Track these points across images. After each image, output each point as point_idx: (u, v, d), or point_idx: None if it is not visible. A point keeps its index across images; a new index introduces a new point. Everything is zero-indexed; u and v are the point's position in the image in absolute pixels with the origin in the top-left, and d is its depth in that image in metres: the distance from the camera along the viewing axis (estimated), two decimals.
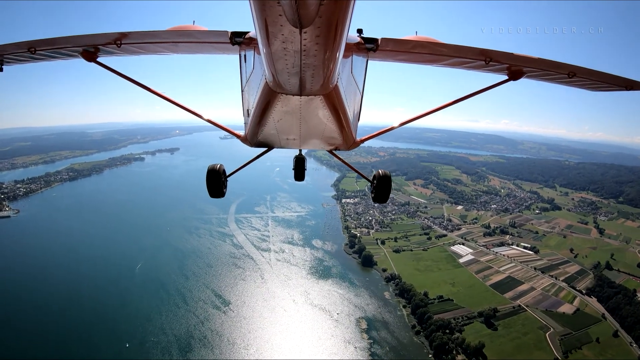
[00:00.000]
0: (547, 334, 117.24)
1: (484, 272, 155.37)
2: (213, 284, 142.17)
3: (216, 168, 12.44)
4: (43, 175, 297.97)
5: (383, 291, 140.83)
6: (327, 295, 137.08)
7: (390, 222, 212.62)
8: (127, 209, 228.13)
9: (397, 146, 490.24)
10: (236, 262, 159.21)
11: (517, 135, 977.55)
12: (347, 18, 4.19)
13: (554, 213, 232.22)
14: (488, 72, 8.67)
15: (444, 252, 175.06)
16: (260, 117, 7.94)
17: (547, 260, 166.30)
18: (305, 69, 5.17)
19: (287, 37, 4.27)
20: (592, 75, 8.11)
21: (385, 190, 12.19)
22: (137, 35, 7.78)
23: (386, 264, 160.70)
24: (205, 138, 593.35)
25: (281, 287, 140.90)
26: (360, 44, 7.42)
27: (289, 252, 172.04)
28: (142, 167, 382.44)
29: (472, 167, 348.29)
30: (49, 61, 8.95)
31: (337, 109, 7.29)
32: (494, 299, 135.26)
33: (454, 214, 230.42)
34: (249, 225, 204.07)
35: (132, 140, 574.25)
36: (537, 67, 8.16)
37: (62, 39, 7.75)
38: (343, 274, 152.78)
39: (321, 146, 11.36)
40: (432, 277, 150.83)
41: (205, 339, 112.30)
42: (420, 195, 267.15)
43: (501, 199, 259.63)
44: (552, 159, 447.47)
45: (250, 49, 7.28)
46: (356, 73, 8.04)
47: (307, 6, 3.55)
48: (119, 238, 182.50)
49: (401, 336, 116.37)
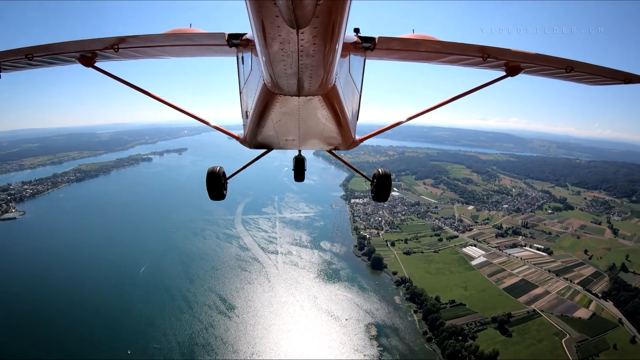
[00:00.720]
0: (563, 340, 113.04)
1: (497, 275, 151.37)
2: (218, 287, 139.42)
3: (216, 170, 12.45)
4: (50, 177, 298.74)
5: (393, 295, 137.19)
6: (336, 299, 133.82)
7: (400, 222, 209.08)
8: (133, 211, 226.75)
9: (406, 145, 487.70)
10: (242, 265, 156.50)
11: (527, 133, 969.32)
12: (344, 18, 4.21)
13: (567, 213, 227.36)
14: (486, 68, 8.64)
15: (456, 254, 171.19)
16: (258, 119, 7.96)
17: (562, 262, 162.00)
18: (303, 69, 5.18)
19: (284, 37, 4.30)
20: (590, 69, 8.12)
21: (386, 189, 12.31)
22: (134, 40, 7.68)
23: (396, 266, 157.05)
24: (213, 138, 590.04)
25: (288, 291, 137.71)
26: (357, 44, 7.42)
27: (296, 254, 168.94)
28: (149, 167, 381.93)
29: (482, 166, 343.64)
30: (47, 67, 8.83)
31: (335, 108, 7.28)
32: (507, 304, 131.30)
33: (465, 214, 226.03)
34: (256, 227, 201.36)
35: (140, 141, 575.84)
36: (534, 62, 8.14)
37: (58, 45, 7.64)
38: (352, 277, 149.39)
39: (320, 146, 11.37)
40: (443, 280, 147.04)
41: (209, 345, 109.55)
42: (431, 195, 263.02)
43: (513, 199, 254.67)
44: (562, 157, 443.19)
45: (248, 51, 7.28)
46: (354, 72, 8.01)
47: (304, 6, 3.58)
48: (124, 240, 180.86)
49: (412, 343, 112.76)
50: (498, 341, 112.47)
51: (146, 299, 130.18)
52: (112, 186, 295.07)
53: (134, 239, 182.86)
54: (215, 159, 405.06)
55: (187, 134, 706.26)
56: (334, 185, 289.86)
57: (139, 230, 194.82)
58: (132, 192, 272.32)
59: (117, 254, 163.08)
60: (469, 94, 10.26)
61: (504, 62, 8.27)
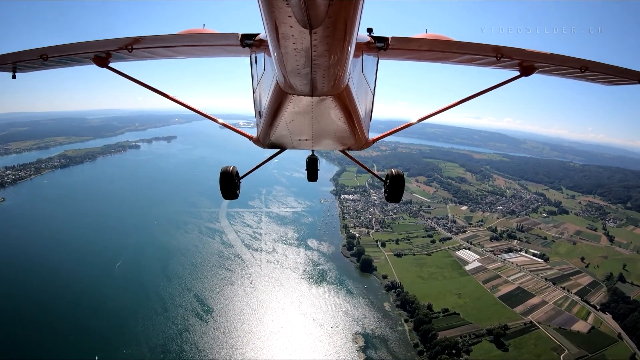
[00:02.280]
0: (561, 355, 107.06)
1: (492, 281, 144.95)
2: (197, 287, 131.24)
3: (229, 170, 12.37)
4: (34, 162, 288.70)
5: (383, 301, 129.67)
6: (321, 304, 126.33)
7: (391, 221, 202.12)
8: (116, 200, 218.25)
9: (399, 140, 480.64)
10: (224, 263, 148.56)
11: (520, 133, 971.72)
12: (357, 18, 4.18)
13: (562, 217, 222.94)
14: (499, 68, 8.53)
15: (449, 258, 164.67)
16: (272, 119, 7.90)
17: (558, 269, 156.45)
18: (316, 69, 5.14)
19: (297, 38, 4.26)
20: (604, 69, 8.02)
21: (399, 190, 12.39)
22: (148, 40, 7.68)
23: (386, 269, 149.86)
24: (204, 127, 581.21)
25: (271, 294, 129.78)
26: (370, 43, 7.27)
27: (281, 252, 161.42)
28: (137, 155, 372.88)
29: (476, 165, 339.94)
30: (62, 67, 8.93)
31: (348, 109, 7.22)
32: (503, 314, 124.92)
33: (459, 214, 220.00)
34: (241, 221, 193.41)
35: (130, 128, 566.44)
36: (548, 62, 8.04)
37: (73, 46, 7.67)
38: (339, 279, 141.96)
39: (333, 146, 11.17)
40: (436, 286, 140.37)
41: (183, 353, 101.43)
42: (423, 194, 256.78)
43: (507, 200, 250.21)
44: (555, 159, 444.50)
45: (261, 51, 7.22)
46: (367, 72, 7.84)
47: (316, 7, 3.59)
48: (103, 232, 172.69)
49: (402, 356, 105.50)
50: (494, 356, 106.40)
51: (119, 298, 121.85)
52: (97, 174, 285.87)
53: (114, 231, 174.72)
54: (206, 149, 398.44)
55: (178, 121, 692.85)
56: (323, 179, 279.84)
57: (120, 221, 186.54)
58: (117, 180, 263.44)
59: (94, 247, 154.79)
60: (482, 94, 10.06)
61: (518, 61, 8.19)
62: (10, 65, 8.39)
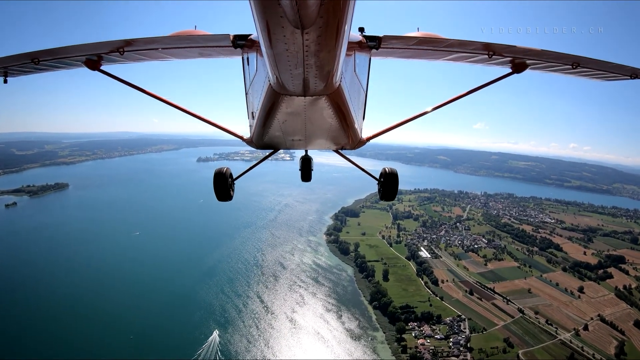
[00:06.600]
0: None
1: None
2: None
3: (222, 171, 12.07)
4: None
5: None
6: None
7: None
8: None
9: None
10: None
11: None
12: (348, 17, 4.21)
13: None
14: (492, 65, 8.60)
15: None
16: (265, 119, 7.86)
17: None
18: (309, 69, 5.12)
19: (288, 38, 4.26)
20: (596, 65, 8.07)
21: (393, 188, 12.05)
22: (140, 42, 7.64)
23: None
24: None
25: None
26: (362, 43, 7.21)
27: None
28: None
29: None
30: (53, 71, 8.90)
31: (341, 108, 7.19)
32: None
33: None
34: None
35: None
36: (540, 58, 8.09)
37: (64, 49, 7.62)
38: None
39: (327, 146, 11.22)
40: None
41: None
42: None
43: None
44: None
45: (253, 52, 7.09)
46: (359, 72, 7.79)
47: (308, 6, 3.59)
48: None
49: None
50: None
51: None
52: None
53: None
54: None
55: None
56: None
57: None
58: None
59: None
60: (474, 92, 10.18)
61: (510, 58, 8.16)
62: (2, 70, 8.26)
